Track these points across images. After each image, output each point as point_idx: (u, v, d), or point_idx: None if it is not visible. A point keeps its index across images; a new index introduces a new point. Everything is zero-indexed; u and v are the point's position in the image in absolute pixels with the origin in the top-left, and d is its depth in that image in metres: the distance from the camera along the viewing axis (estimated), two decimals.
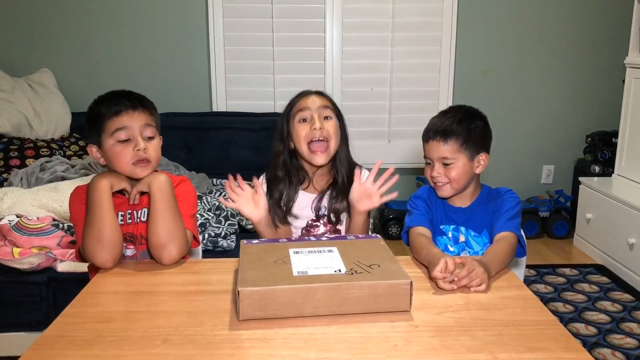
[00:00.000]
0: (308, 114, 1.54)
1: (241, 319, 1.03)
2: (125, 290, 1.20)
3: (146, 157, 1.33)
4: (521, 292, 1.17)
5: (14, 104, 2.87)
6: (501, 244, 1.34)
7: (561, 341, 0.97)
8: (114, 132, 1.31)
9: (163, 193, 1.32)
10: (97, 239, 1.27)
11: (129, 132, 1.32)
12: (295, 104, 1.57)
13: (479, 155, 1.46)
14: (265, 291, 1.02)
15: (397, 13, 3.25)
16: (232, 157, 3.11)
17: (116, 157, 1.32)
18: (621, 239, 2.75)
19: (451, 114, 1.46)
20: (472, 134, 1.43)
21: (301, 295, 1.03)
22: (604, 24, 3.35)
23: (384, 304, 1.05)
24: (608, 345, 2.16)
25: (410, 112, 3.35)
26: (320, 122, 1.53)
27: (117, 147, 1.31)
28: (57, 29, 3.20)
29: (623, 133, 2.99)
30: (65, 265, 2.00)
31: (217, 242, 2.15)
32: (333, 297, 1.03)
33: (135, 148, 1.31)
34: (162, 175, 1.35)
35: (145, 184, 1.34)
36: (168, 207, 1.32)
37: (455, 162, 1.43)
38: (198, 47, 3.26)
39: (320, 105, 1.55)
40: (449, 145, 1.42)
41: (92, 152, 1.38)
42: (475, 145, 1.44)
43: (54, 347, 0.96)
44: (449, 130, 1.43)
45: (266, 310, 1.03)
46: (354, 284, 1.04)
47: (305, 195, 1.61)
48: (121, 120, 1.31)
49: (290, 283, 1.04)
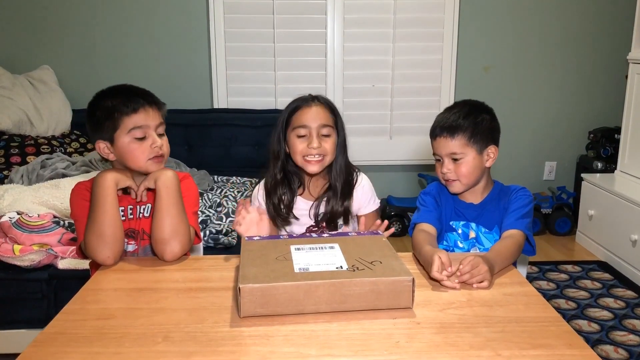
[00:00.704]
0: (307, 132, 1.51)
1: (242, 316, 1.02)
2: (125, 287, 1.19)
3: (162, 153, 1.36)
4: (524, 288, 1.17)
5: (15, 101, 2.87)
6: (507, 241, 1.33)
7: (565, 338, 0.96)
8: (131, 129, 1.32)
9: (169, 189, 1.32)
10: (99, 235, 1.27)
11: (146, 130, 1.34)
12: (295, 114, 1.53)
13: (487, 149, 1.45)
14: (266, 288, 1.02)
15: (398, 9, 3.23)
16: (233, 154, 3.10)
17: (132, 154, 1.33)
18: (624, 235, 2.74)
19: (457, 109, 1.45)
20: (479, 127, 1.42)
21: (302, 292, 1.02)
22: (607, 19, 3.34)
23: (385, 300, 1.04)
24: (611, 342, 2.15)
25: (412, 109, 3.34)
26: (318, 142, 1.50)
27: (134, 144, 1.33)
28: (58, 26, 3.19)
29: (626, 129, 2.98)
30: (66, 262, 2.00)
31: (218, 239, 2.15)
32: (335, 293, 1.03)
33: (153, 145, 1.34)
34: (168, 171, 1.35)
35: (152, 179, 1.34)
36: (173, 203, 1.32)
37: (464, 156, 1.42)
38: (199, 43, 3.25)
39: (320, 125, 1.51)
40: (457, 140, 1.42)
41: (100, 148, 1.36)
42: (483, 138, 1.43)
43: (53, 344, 0.95)
44: (455, 125, 1.42)
45: (267, 307, 1.02)
46: (356, 280, 1.03)
47: (302, 202, 1.60)
48: (139, 118, 1.33)
49: (291, 280, 1.03)
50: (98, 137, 1.36)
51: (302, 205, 1.60)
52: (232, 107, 3.29)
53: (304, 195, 1.61)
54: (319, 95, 1.58)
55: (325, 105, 1.55)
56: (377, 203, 1.64)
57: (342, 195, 1.56)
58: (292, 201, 1.59)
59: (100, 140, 1.35)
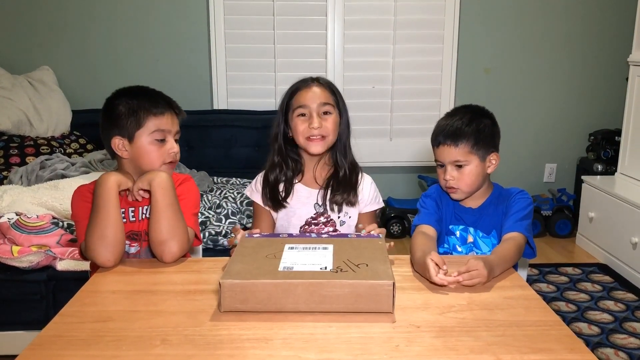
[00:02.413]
0: (307, 111, 1.53)
1: (222, 311, 1.04)
2: (124, 290, 1.19)
3: (176, 160, 1.40)
4: (525, 292, 1.16)
5: (14, 102, 2.86)
6: (508, 244, 1.33)
7: (566, 342, 0.95)
8: (154, 131, 1.35)
9: (164, 190, 1.32)
10: (101, 237, 1.27)
11: (166, 134, 1.37)
12: (296, 95, 1.55)
13: (490, 156, 1.44)
14: (246, 284, 1.03)
15: (398, 10, 3.23)
16: (233, 155, 3.10)
17: (148, 155, 1.36)
18: (624, 237, 2.74)
19: (458, 116, 1.43)
20: (482, 134, 1.41)
21: (281, 291, 1.03)
22: (607, 21, 3.33)
23: (365, 303, 1.04)
24: (611, 345, 2.14)
25: (412, 110, 3.33)
26: (318, 121, 1.52)
27: (153, 145, 1.36)
28: (58, 27, 3.18)
29: (626, 131, 2.97)
30: (64, 263, 1.99)
31: (217, 241, 2.14)
32: (314, 294, 1.03)
33: (171, 150, 1.37)
34: (162, 173, 1.35)
35: (145, 181, 1.33)
36: (169, 204, 1.32)
37: (468, 163, 1.41)
38: (199, 44, 3.24)
39: (320, 103, 1.53)
40: (460, 149, 1.40)
41: (115, 144, 1.36)
42: (486, 145, 1.42)
43: (51, 347, 0.95)
44: (458, 133, 1.40)
45: (247, 304, 1.04)
46: (335, 282, 1.03)
47: (303, 189, 1.59)
48: (164, 121, 1.36)
49: (272, 278, 1.04)
50: (116, 132, 1.36)
51: (304, 192, 1.58)
52: (232, 108, 3.28)
53: (306, 182, 1.60)
54: (319, 76, 1.60)
55: (325, 85, 1.57)
56: (379, 203, 1.63)
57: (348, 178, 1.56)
58: (291, 185, 1.57)
59: (117, 137, 1.36)
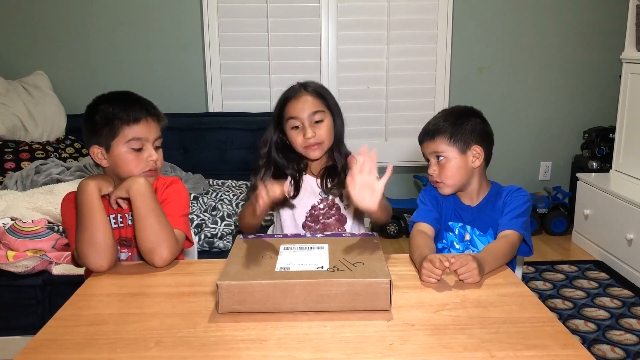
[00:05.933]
0: (299, 122, 1.54)
1: (220, 312, 1.04)
2: (118, 293, 1.18)
3: (156, 168, 1.36)
4: (518, 289, 1.16)
5: (9, 107, 2.86)
6: (500, 241, 1.33)
7: (559, 338, 0.96)
8: (129, 140, 1.31)
9: (143, 196, 1.29)
10: (90, 242, 1.26)
11: (144, 142, 1.33)
12: (286, 106, 1.56)
13: (471, 148, 1.45)
14: (244, 285, 1.03)
15: (392, 11, 3.23)
16: (229, 158, 3.10)
17: (126, 165, 1.32)
18: (619, 234, 2.75)
19: (440, 114, 1.50)
20: (460, 128, 1.44)
21: (279, 291, 1.03)
22: (600, 19, 3.34)
23: (363, 302, 1.04)
24: (608, 341, 2.15)
25: (406, 110, 3.34)
26: (312, 130, 1.53)
27: (130, 154, 1.32)
28: (52, 31, 3.18)
29: (620, 129, 2.98)
30: (60, 268, 1.99)
31: (213, 243, 2.14)
32: (311, 293, 1.04)
33: (149, 159, 1.34)
34: (140, 179, 1.31)
35: (123, 189, 1.30)
36: (151, 210, 1.29)
37: (446, 155, 1.44)
38: (193, 47, 3.24)
39: (310, 113, 1.54)
40: (437, 141, 1.45)
41: (94, 153, 1.35)
42: (465, 138, 1.44)
43: (45, 351, 0.94)
44: (434, 129, 1.46)
45: (245, 304, 1.03)
46: (333, 281, 1.04)
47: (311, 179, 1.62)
48: (139, 129, 1.32)
49: (269, 278, 1.05)
50: (94, 142, 1.34)
51: (310, 181, 1.62)
52: (227, 110, 3.28)
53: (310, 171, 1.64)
54: (308, 82, 1.61)
55: (313, 93, 1.58)
56: None
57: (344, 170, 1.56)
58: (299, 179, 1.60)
59: (95, 146, 1.34)
